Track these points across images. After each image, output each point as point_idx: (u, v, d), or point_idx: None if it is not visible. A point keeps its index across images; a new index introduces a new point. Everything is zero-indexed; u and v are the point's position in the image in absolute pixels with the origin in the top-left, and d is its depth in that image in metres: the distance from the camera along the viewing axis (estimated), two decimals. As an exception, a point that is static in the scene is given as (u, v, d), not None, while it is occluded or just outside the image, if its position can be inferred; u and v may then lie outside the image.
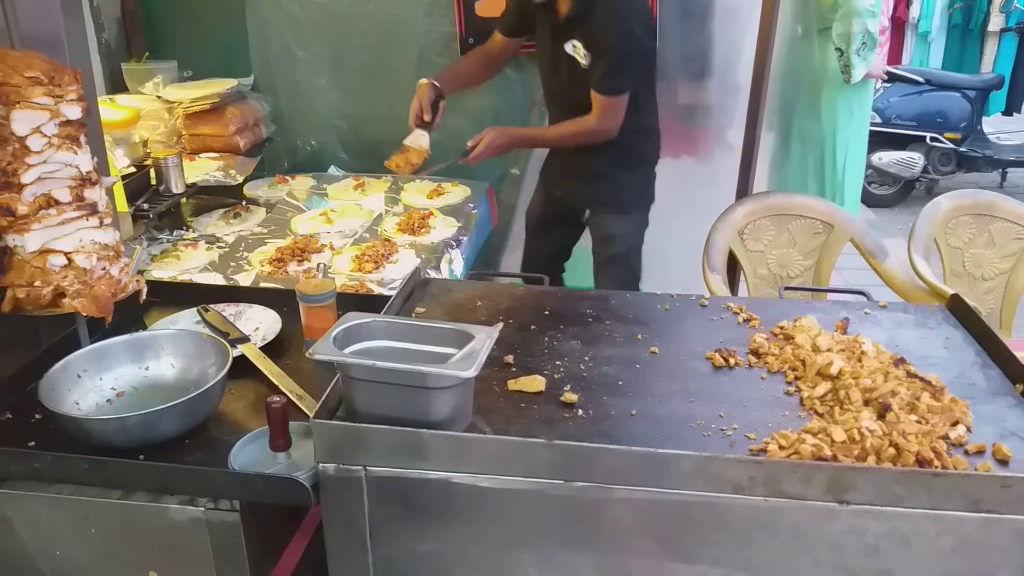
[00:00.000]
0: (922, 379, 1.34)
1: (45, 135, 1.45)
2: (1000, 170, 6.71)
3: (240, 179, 3.18)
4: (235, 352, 1.57)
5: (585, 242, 2.99)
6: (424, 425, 1.20)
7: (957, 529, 1.11)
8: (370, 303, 1.93)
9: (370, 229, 2.91)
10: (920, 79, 6.46)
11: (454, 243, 2.79)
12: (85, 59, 1.80)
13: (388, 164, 2.76)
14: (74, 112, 1.49)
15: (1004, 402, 1.35)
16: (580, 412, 1.33)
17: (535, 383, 1.39)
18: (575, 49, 2.51)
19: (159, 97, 3.27)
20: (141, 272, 2.14)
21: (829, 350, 1.43)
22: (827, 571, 1.16)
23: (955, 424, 1.25)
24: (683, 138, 3.54)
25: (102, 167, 1.65)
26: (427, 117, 2.68)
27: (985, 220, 2.81)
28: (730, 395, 1.38)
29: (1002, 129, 6.85)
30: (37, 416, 1.46)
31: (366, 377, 1.22)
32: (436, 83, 2.70)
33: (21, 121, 1.42)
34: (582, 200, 2.84)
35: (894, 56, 7.28)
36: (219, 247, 2.74)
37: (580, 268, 3.07)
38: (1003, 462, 1.19)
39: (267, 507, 1.32)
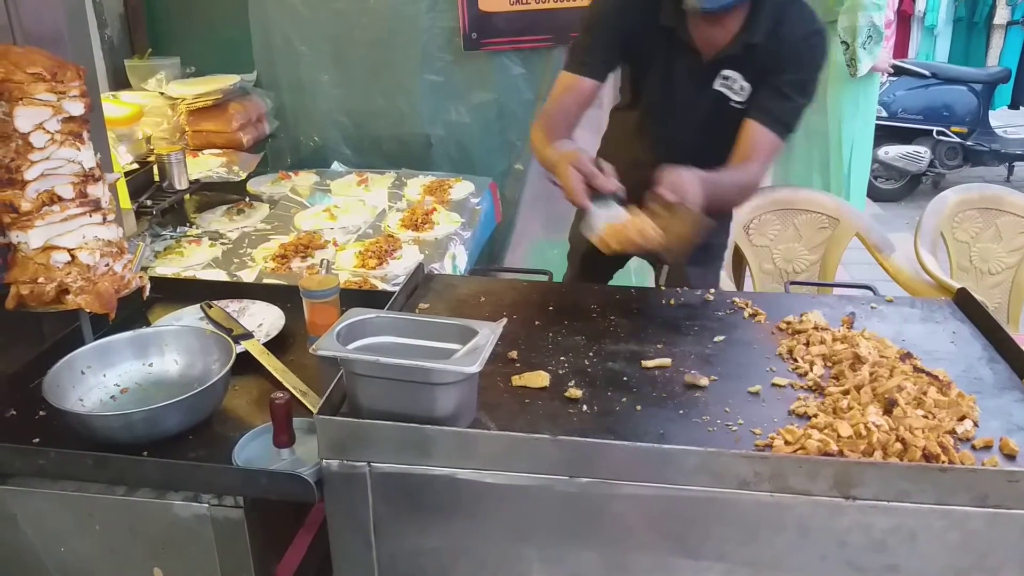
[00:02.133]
0: (929, 373, 1.34)
1: (48, 131, 1.45)
2: (1007, 164, 6.69)
3: (243, 175, 3.18)
4: (239, 348, 1.57)
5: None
6: (428, 421, 1.19)
7: (964, 524, 1.11)
8: (373, 299, 1.92)
9: (373, 225, 2.90)
10: (926, 72, 6.44)
11: (457, 239, 2.78)
12: (88, 55, 1.80)
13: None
14: (77, 108, 1.49)
15: (1011, 396, 1.35)
16: (584, 408, 1.32)
17: (539, 379, 1.38)
18: (728, 83, 1.93)
19: (162, 93, 3.27)
20: (144, 268, 2.14)
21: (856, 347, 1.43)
22: (833, 566, 1.15)
23: (962, 419, 1.24)
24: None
25: (105, 163, 1.65)
26: (601, 182, 1.70)
27: (992, 214, 2.80)
28: (736, 390, 1.37)
29: (1009, 123, 6.82)
30: (41, 413, 1.46)
31: (370, 373, 1.21)
32: (580, 146, 1.86)
33: (24, 117, 1.42)
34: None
35: (900, 49, 7.27)
36: (222, 243, 2.73)
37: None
38: (1010, 457, 1.19)
39: (271, 503, 1.31)
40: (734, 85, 1.93)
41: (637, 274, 3.50)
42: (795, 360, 1.45)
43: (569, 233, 2.43)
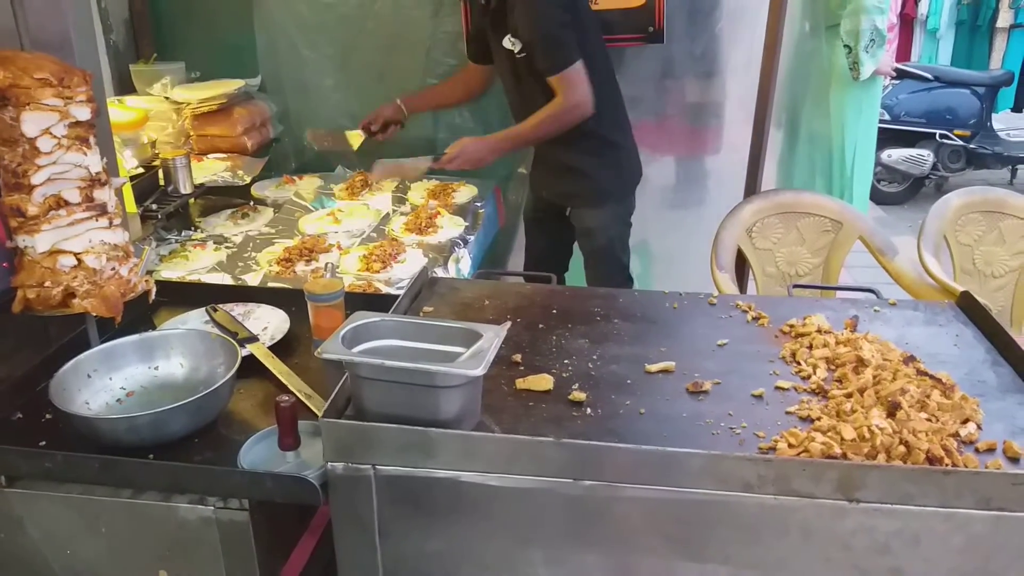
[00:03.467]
0: (932, 376, 1.34)
1: (55, 136, 1.46)
2: (1010, 167, 6.68)
3: (248, 179, 3.19)
4: (244, 351, 1.58)
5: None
6: (432, 424, 1.20)
7: (968, 527, 1.11)
8: (378, 302, 1.93)
9: (377, 229, 2.91)
10: (929, 76, 6.44)
11: (461, 242, 2.79)
12: (94, 61, 1.81)
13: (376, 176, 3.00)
14: (83, 113, 1.50)
15: (1015, 399, 1.35)
16: (588, 411, 1.32)
17: (543, 382, 1.39)
18: (511, 43, 2.54)
19: (167, 98, 3.28)
20: (150, 272, 2.14)
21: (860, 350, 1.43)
22: (837, 570, 1.15)
23: (965, 422, 1.25)
24: (691, 136, 3.53)
25: (111, 168, 1.66)
26: (373, 127, 2.92)
27: (995, 217, 2.79)
28: (739, 393, 1.37)
29: (1012, 125, 6.82)
30: (47, 416, 1.47)
31: (375, 376, 1.22)
32: (400, 103, 2.90)
33: (31, 122, 1.43)
34: (561, 197, 2.88)
35: (903, 53, 7.27)
36: (227, 247, 2.74)
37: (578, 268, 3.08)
38: (1014, 460, 1.19)
39: (276, 506, 1.32)
40: (512, 42, 2.54)
41: (641, 278, 3.51)
42: (798, 363, 1.45)
43: (523, 211, 3.18)
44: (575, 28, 2.54)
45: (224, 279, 2.48)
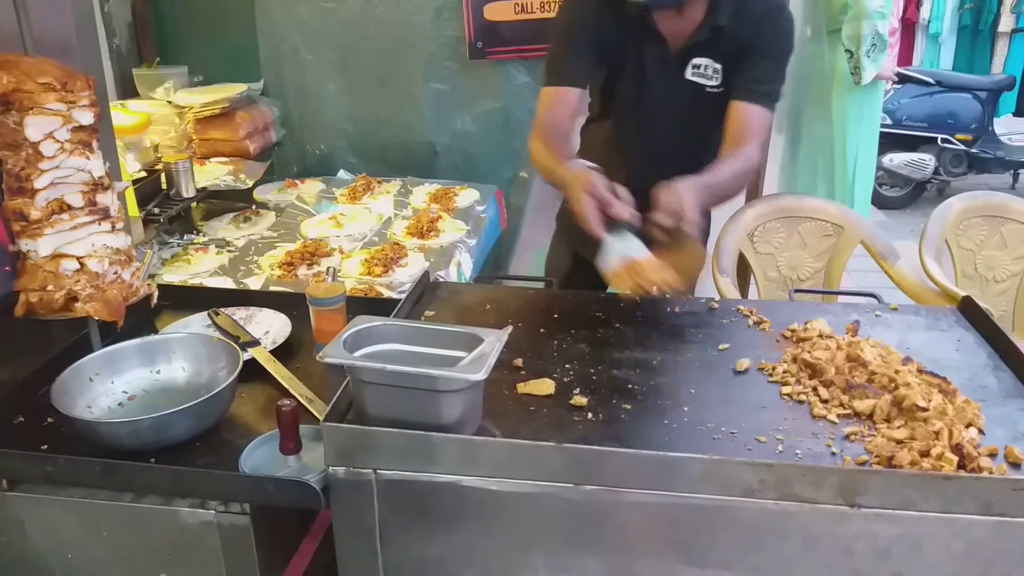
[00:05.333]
0: (935, 375, 1.34)
1: (58, 140, 1.46)
2: (1012, 171, 6.68)
3: (250, 183, 3.20)
4: (245, 355, 1.58)
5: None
6: (434, 428, 1.20)
7: (969, 532, 1.11)
8: (380, 306, 1.93)
9: (379, 233, 2.91)
10: (931, 80, 6.44)
11: (463, 246, 2.79)
12: (97, 65, 1.82)
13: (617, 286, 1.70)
14: (87, 117, 1.50)
15: (1016, 405, 1.35)
16: (590, 415, 1.32)
17: (544, 386, 1.39)
18: (701, 71, 1.93)
19: (170, 102, 3.29)
20: (152, 276, 2.14)
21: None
22: (839, 574, 1.15)
23: (968, 426, 1.24)
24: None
25: (114, 172, 1.66)
26: (616, 210, 1.63)
27: (997, 222, 2.79)
28: (740, 398, 1.37)
29: (1013, 130, 6.81)
30: (49, 419, 1.47)
31: (376, 380, 1.22)
32: (592, 165, 1.79)
33: (34, 127, 1.43)
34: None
35: (904, 57, 7.26)
36: (229, 251, 2.75)
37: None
38: (1015, 465, 1.19)
39: (277, 510, 1.32)
40: (707, 71, 1.94)
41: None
42: (800, 368, 1.45)
43: (547, 259, 2.41)
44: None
45: (226, 283, 2.48)
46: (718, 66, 1.93)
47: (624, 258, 1.60)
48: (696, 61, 1.93)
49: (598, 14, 1.93)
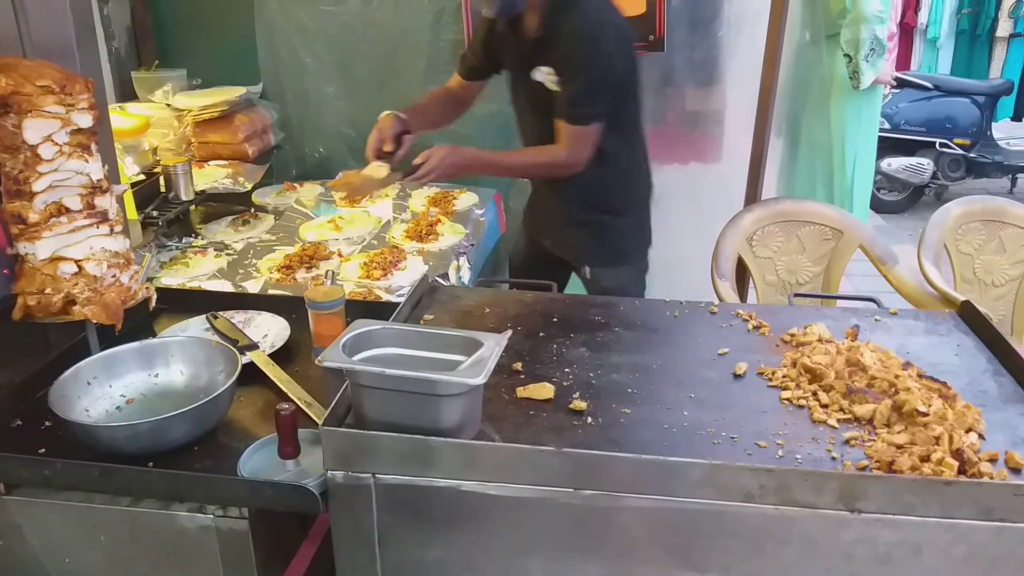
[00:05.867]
0: (935, 380, 1.34)
1: (56, 143, 1.46)
2: (1010, 176, 6.68)
3: (249, 186, 3.19)
4: (244, 359, 1.57)
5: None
6: (433, 432, 1.19)
7: (969, 538, 1.11)
8: (378, 310, 1.93)
9: (378, 236, 2.91)
10: (929, 85, 6.44)
11: (462, 250, 2.79)
12: (96, 68, 1.81)
13: (333, 184, 2.54)
14: (85, 120, 1.50)
15: (1016, 410, 1.34)
16: (589, 420, 1.32)
17: (544, 390, 1.39)
18: (545, 76, 2.23)
19: (168, 105, 3.29)
20: (150, 279, 2.14)
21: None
22: (838, 580, 1.15)
23: (968, 431, 1.24)
24: (691, 144, 3.54)
25: (112, 175, 1.66)
26: (387, 147, 2.34)
27: (995, 226, 2.79)
28: (740, 403, 1.37)
29: (1011, 135, 6.82)
30: (47, 423, 1.46)
31: (375, 384, 1.22)
32: (402, 115, 2.41)
33: (33, 130, 1.43)
34: (572, 254, 2.53)
35: (902, 62, 7.27)
36: (228, 254, 2.74)
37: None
38: (1015, 470, 1.18)
39: (276, 514, 1.32)
40: (549, 78, 2.22)
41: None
42: (799, 373, 1.45)
43: (510, 254, 2.74)
44: (625, 85, 2.29)
45: (225, 286, 2.48)
46: (557, 77, 2.21)
47: (362, 173, 2.28)
48: (542, 67, 2.23)
49: (490, 20, 2.34)
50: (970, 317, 1.65)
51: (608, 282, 2.48)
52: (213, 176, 3.17)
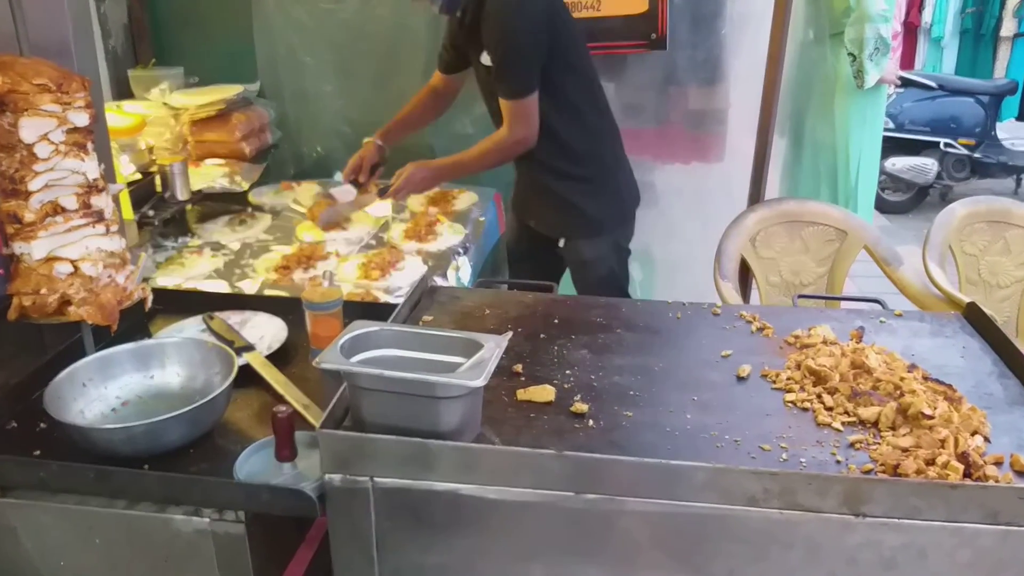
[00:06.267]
0: (940, 382, 1.33)
1: (52, 142, 1.45)
2: (1015, 176, 6.68)
3: (245, 186, 3.19)
4: (240, 361, 1.56)
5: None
6: (432, 435, 1.18)
7: (975, 541, 1.09)
8: (377, 311, 1.91)
9: (376, 236, 2.90)
10: (933, 84, 6.44)
11: (461, 250, 2.78)
12: (92, 66, 1.80)
13: (309, 217, 2.72)
14: (82, 119, 1.49)
15: (1022, 412, 1.33)
16: (590, 422, 1.31)
17: (544, 393, 1.37)
18: (487, 59, 2.36)
19: (165, 103, 3.28)
20: (146, 279, 2.13)
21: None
22: (843, 585, 1.14)
23: (974, 434, 1.23)
24: (694, 144, 3.53)
25: (108, 174, 1.65)
26: (361, 179, 2.61)
27: (1000, 227, 2.78)
28: (743, 405, 1.36)
29: (1016, 135, 6.81)
30: (42, 425, 1.45)
31: (373, 386, 1.20)
32: (380, 143, 2.63)
33: (29, 128, 1.42)
34: (552, 229, 2.65)
35: (907, 61, 7.27)
36: (224, 254, 2.73)
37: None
38: (1021, 473, 1.17)
39: (272, 518, 1.30)
40: (485, 59, 2.37)
41: (643, 287, 3.49)
42: (804, 375, 1.44)
43: (506, 239, 2.92)
44: (553, 50, 2.35)
45: (221, 286, 2.47)
46: (485, 53, 2.36)
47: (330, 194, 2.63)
48: (480, 50, 2.38)
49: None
50: (975, 319, 1.63)
51: (586, 254, 2.61)
52: (210, 175, 3.16)
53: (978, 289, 2.77)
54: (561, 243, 2.63)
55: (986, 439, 1.24)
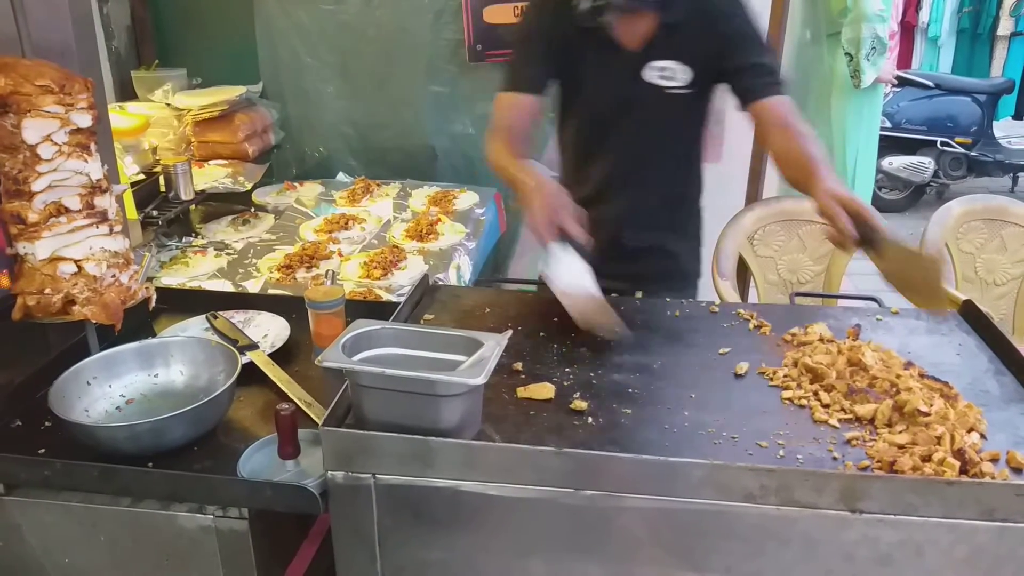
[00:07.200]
0: (936, 380, 1.34)
1: (56, 143, 1.46)
2: (1011, 174, 6.68)
3: (249, 186, 3.20)
4: (244, 359, 1.57)
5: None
6: (433, 433, 1.19)
7: (971, 538, 1.10)
8: (379, 310, 1.93)
9: (378, 235, 2.91)
10: (930, 83, 6.45)
11: (462, 249, 2.79)
12: (95, 67, 1.81)
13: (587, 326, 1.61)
14: (85, 120, 1.49)
15: (1018, 409, 1.34)
16: (590, 420, 1.32)
17: (544, 390, 1.38)
18: (661, 72, 1.89)
19: (168, 104, 3.29)
20: (150, 279, 2.14)
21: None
22: (840, 580, 1.15)
23: (970, 431, 1.24)
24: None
25: (112, 174, 1.66)
26: (576, 233, 1.59)
27: (997, 225, 2.79)
28: (741, 403, 1.37)
29: (1013, 133, 6.82)
30: (47, 423, 1.46)
31: (375, 384, 1.21)
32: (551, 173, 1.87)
33: (32, 129, 1.43)
34: (628, 279, 1.99)
35: (904, 60, 7.28)
36: (228, 254, 2.74)
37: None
38: (1017, 470, 1.18)
39: (276, 515, 1.31)
40: (669, 73, 1.90)
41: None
42: (800, 372, 1.45)
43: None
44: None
45: (224, 286, 2.48)
46: (686, 67, 1.89)
47: (579, 287, 1.58)
48: (655, 64, 1.90)
49: (552, 23, 1.92)
50: (972, 316, 1.64)
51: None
52: (213, 176, 3.17)
53: (974, 287, 2.78)
54: (638, 295, 1.96)
55: (982, 436, 1.25)
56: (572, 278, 1.58)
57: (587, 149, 2.03)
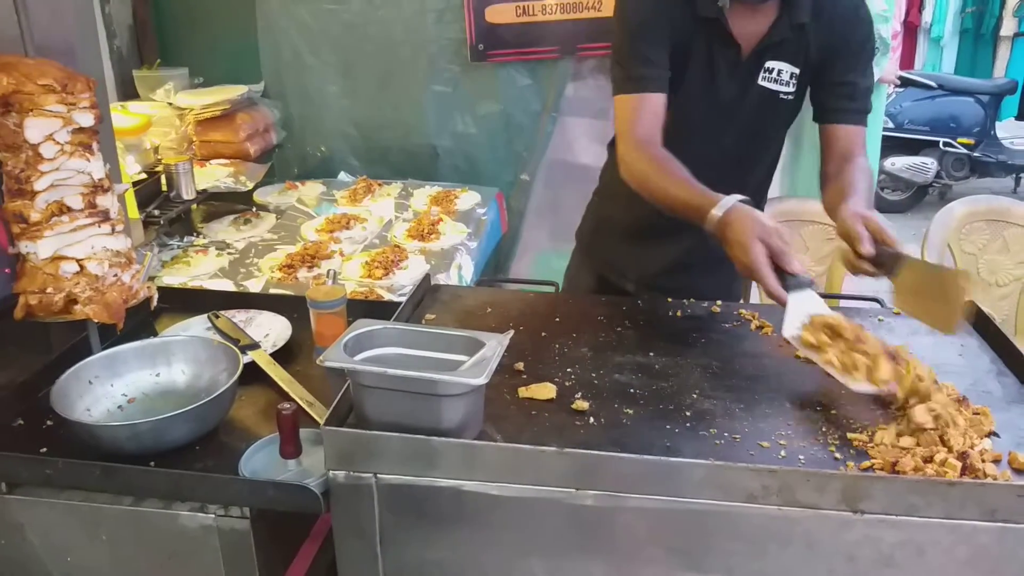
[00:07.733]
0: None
1: (58, 142, 1.46)
2: (1014, 175, 6.68)
3: (250, 185, 3.20)
4: (245, 359, 1.57)
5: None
6: (435, 432, 1.19)
7: (973, 539, 1.10)
8: (380, 309, 1.92)
9: (380, 235, 2.91)
10: (933, 84, 6.44)
11: (464, 249, 2.79)
12: (97, 66, 1.81)
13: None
14: (87, 119, 1.50)
15: (1020, 410, 1.34)
16: (591, 420, 1.32)
17: (546, 390, 1.38)
18: (774, 76, 1.75)
19: (170, 104, 3.29)
20: (152, 278, 2.14)
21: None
22: (841, 581, 1.15)
23: (983, 437, 1.24)
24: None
25: (114, 174, 1.66)
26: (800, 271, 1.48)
27: (999, 226, 2.79)
28: (742, 403, 1.37)
29: (1015, 134, 6.81)
30: (48, 422, 1.46)
31: (376, 384, 1.21)
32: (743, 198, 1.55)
33: (34, 128, 1.43)
34: (674, 294, 1.82)
35: (906, 61, 7.27)
36: (229, 253, 2.74)
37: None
38: (1019, 471, 1.18)
39: (277, 514, 1.31)
40: (781, 76, 1.76)
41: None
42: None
43: (567, 272, 2.20)
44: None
45: (226, 285, 2.48)
46: (796, 70, 1.75)
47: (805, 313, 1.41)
48: (770, 65, 1.74)
49: (669, 11, 1.72)
50: (974, 317, 1.64)
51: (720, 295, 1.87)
52: (215, 175, 3.17)
53: (977, 288, 2.78)
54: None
55: (994, 433, 1.25)
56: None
57: (673, 150, 1.71)
